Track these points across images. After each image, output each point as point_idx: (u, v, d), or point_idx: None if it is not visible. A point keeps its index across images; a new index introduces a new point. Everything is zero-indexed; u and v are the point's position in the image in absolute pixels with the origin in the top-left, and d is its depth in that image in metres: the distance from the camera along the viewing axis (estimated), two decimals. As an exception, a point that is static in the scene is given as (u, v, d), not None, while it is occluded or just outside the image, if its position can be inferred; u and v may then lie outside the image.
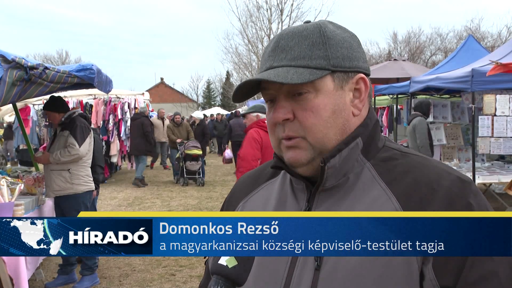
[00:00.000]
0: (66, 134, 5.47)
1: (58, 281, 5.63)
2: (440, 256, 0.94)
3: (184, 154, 13.09)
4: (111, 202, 11.00)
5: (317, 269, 1.01)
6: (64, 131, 5.50)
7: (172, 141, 13.86)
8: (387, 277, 0.95)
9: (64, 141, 5.43)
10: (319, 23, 1.08)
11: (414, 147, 7.70)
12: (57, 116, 5.55)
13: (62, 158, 5.35)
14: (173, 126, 14.04)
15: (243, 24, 36.20)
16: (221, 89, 60.87)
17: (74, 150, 5.38)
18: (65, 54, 56.67)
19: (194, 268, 6.22)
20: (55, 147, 5.47)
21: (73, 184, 5.45)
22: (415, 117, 7.91)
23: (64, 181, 5.42)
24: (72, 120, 5.55)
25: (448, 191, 0.99)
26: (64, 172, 5.43)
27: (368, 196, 1.04)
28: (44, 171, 5.60)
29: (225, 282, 0.91)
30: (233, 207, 1.26)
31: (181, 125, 14.12)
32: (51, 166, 5.45)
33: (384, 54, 42.15)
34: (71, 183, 5.44)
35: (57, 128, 5.63)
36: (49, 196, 5.54)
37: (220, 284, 0.91)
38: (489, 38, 37.60)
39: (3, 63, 4.13)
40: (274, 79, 1.00)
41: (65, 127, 5.52)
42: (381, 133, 1.18)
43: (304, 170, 1.08)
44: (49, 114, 5.64)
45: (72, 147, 5.39)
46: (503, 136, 6.94)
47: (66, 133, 5.48)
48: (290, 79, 1.00)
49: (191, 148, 13.09)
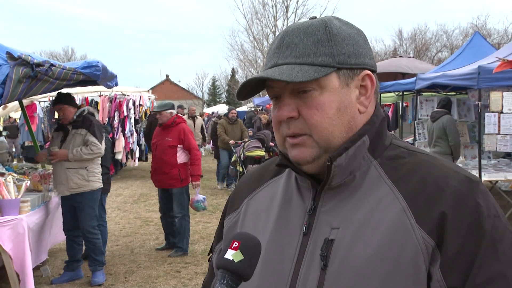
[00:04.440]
0: (84, 132, 5.49)
1: (65, 277, 5.67)
2: (448, 257, 0.93)
3: (244, 157, 11.01)
4: (117, 199, 11.03)
5: (323, 268, 1.00)
6: (80, 130, 5.50)
7: (225, 142, 11.68)
8: (394, 278, 0.95)
9: (81, 140, 5.46)
10: (325, 19, 1.07)
11: (443, 145, 7.71)
12: (72, 111, 5.54)
13: (85, 155, 5.40)
14: (226, 123, 11.91)
15: (249, 21, 36.16)
16: (226, 86, 60.92)
17: (97, 149, 5.47)
18: (71, 51, 57.01)
19: (200, 265, 6.23)
20: (69, 146, 5.44)
21: (89, 181, 5.53)
22: (442, 114, 7.86)
23: (81, 178, 5.47)
24: (85, 118, 5.57)
25: (456, 190, 0.97)
26: (82, 170, 5.49)
27: (374, 195, 1.03)
28: (57, 169, 5.53)
29: (231, 276, 0.91)
30: (238, 204, 1.25)
31: (236, 122, 12.04)
32: (67, 164, 5.44)
33: (390, 51, 41.98)
34: (87, 180, 5.52)
35: (68, 126, 5.57)
36: (63, 194, 5.52)
37: (226, 278, 0.91)
38: (495, 35, 37.36)
39: (10, 60, 4.14)
40: (278, 77, 0.99)
41: (80, 125, 5.52)
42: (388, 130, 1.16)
43: (310, 168, 1.07)
44: (65, 109, 5.53)
45: (95, 145, 5.46)
46: (509, 133, 6.89)
47: (83, 131, 5.50)
48: (294, 77, 0.99)
49: (253, 149, 11.03)
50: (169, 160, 6.44)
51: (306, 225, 1.07)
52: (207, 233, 7.82)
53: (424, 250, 0.94)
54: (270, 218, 1.15)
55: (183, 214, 6.66)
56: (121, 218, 9.13)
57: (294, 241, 1.07)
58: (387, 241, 0.97)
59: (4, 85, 4.03)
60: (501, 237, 0.95)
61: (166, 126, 6.52)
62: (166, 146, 6.48)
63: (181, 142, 6.51)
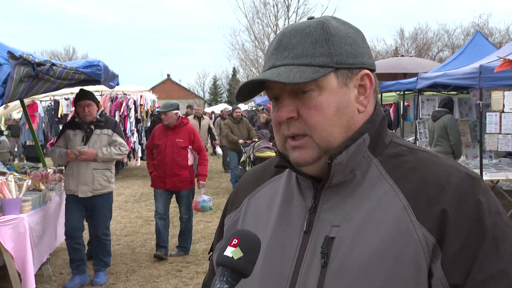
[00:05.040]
0: (110, 133, 5.50)
1: (76, 280, 5.48)
2: (449, 254, 0.93)
3: (254, 158, 10.54)
4: (118, 198, 11.03)
5: (324, 266, 1.00)
6: (106, 130, 5.50)
7: (232, 142, 11.45)
8: (395, 276, 0.95)
9: (107, 140, 5.48)
10: (322, 19, 1.07)
11: (444, 145, 7.70)
12: (96, 109, 5.49)
13: (115, 156, 5.45)
14: (232, 123, 11.68)
15: (250, 21, 36.21)
16: (227, 86, 60.95)
17: (126, 150, 5.54)
18: (72, 50, 57.05)
19: (201, 265, 6.23)
20: (96, 146, 5.40)
21: (111, 183, 5.58)
22: (443, 114, 7.85)
23: (106, 180, 5.49)
24: (109, 119, 5.64)
25: (457, 188, 0.97)
26: (107, 172, 5.51)
27: (375, 193, 1.03)
28: (81, 169, 5.39)
29: (230, 273, 0.91)
30: (238, 203, 1.25)
31: (241, 121, 11.79)
32: (94, 165, 5.41)
33: (391, 50, 42.00)
34: (110, 182, 5.56)
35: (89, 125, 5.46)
36: (85, 195, 5.40)
37: (226, 275, 0.90)
38: (497, 34, 37.35)
39: (11, 59, 4.14)
40: (276, 79, 0.99)
41: (104, 125, 5.52)
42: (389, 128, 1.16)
43: (310, 169, 1.07)
44: (92, 106, 5.42)
45: (124, 146, 5.53)
46: (511, 133, 6.88)
47: (109, 131, 5.51)
48: (292, 78, 0.99)
49: (263, 150, 10.49)
50: (182, 162, 6.31)
51: (307, 223, 1.07)
52: (208, 233, 7.82)
53: (425, 247, 0.94)
54: (271, 216, 1.15)
55: (190, 216, 6.62)
56: (122, 218, 9.14)
57: (295, 239, 1.07)
58: (388, 239, 0.96)
59: (6, 84, 4.02)
60: (502, 235, 0.95)
61: (175, 127, 6.36)
62: (178, 147, 6.31)
63: (191, 143, 6.40)
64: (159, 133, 6.46)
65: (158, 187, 6.45)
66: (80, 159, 5.34)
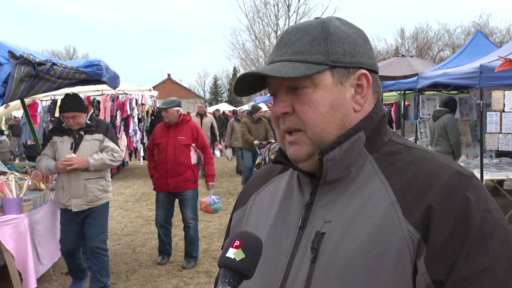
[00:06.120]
0: (101, 138, 4.99)
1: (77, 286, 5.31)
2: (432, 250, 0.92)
3: (269, 160, 9.90)
4: (118, 198, 11.04)
5: (313, 261, 1.02)
6: (96, 135, 4.98)
7: (249, 142, 11.09)
8: (380, 270, 0.95)
9: (99, 146, 4.97)
10: (325, 19, 1.09)
11: (444, 144, 7.69)
12: (84, 117, 4.95)
13: (108, 162, 4.92)
14: (250, 122, 11.28)
15: (250, 20, 36.26)
16: (228, 85, 60.93)
17: (119, 156, 5.01)
18: (73, 50, 57.07)
19: (201, 264, 6.23)
20: (86, 153, 4.89)
21: (108, 192, 5.11)
22: (443, 113, 7.83)
23: (101, 189, 5.01)
24: (100, 122, 5.13)
25: (445, 184, 0.97)
26: (101, 181, 5.02)
27: (367, 189, 1.04)
28: (71, 181, 4.91)
29: (232, 275, 0.91)
30: (246, 200, 1.30)
31: (260, 121, 11.38)
32: (85, 175, 4.89)
33: (392, 50, 42.00)
34: (106, 191, 5.08)
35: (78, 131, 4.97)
36: (80, 209, 4.90)
37: (228, 277, 0.91)
38: (497, 33, 37.35)
39: (12, 59, 4.14)
40: (269, 73, 1.02)
41: (95, 130, 5.00)
42: (390, 127, 1.17)
43: (305, 165, 1.09)
44: (78, 116, 4.88)
45: (117, 151, 4.99)
46: (511, 132, 6.88)
47: (100, 136, 4.99)
48: (284, 73, 1.01)
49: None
50: (185, 161, 5.95)
51: (302, 219, 1.09)
52: (209, 232, 7.82)
53: (410, 242, 0.94)
54: (271, 212, 1.18)
55: (196, 220, 6.20)
56: (123, 217, 9.14)
57: (290, 234, 1.10)
58: (375, 234, 0.97)
59: (6, 84, 4.03)
60: (491, 231, 0.93)
61: (177, 124, 6.01)
62: (181, 145, 5.96)
63: (195, 140, 6.05)
64: (160, 131, 6.13)
65: (161, 191, 6.10)
66: (70, 169, 4.79)
